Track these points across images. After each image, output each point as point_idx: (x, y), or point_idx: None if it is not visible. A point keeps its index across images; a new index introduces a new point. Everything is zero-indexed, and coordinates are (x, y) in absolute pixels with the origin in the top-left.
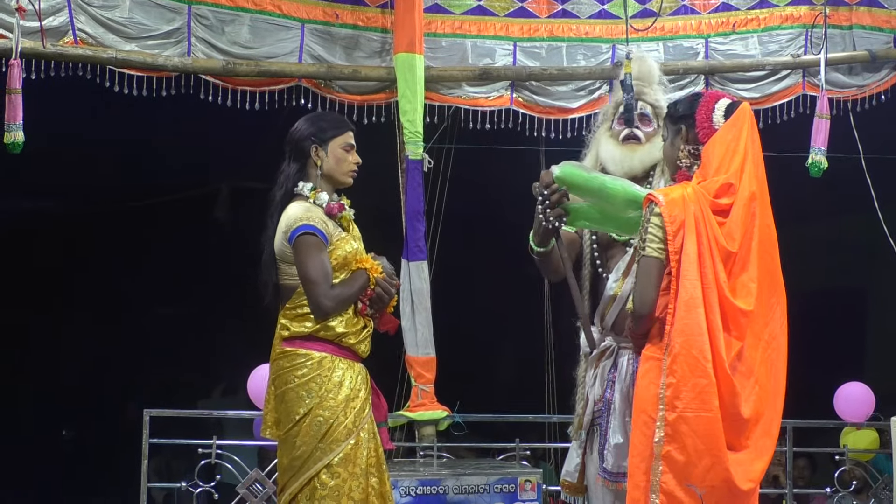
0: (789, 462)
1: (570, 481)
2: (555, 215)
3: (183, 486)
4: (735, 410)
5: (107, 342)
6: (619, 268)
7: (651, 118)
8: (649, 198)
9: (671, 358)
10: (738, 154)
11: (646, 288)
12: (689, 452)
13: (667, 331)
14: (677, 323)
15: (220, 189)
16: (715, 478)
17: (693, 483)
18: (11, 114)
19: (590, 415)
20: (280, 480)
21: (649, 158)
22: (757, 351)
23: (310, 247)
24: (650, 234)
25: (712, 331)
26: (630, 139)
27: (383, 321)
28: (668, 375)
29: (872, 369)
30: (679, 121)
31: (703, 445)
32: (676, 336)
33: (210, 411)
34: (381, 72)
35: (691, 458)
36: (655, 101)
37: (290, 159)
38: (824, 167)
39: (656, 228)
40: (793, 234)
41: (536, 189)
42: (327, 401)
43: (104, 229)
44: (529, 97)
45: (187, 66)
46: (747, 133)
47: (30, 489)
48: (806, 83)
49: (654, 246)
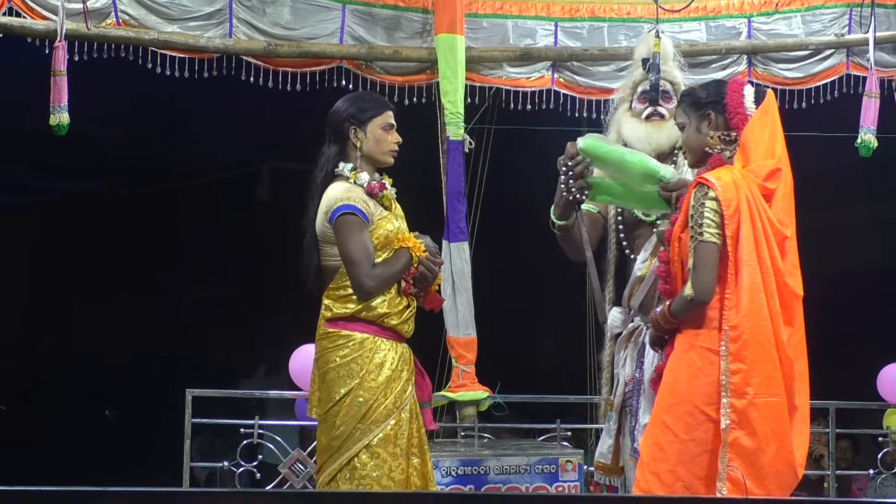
0: (832, 443)
1: (603, 462)
2: (577, 187)
3: (225, 465)
4: (792, 394)
5: (149, 323)
6: (647, 248)
7: (672, 95)
8: (701, 181)
9: (738, 344)
10: (779, 139)
11: (707, 274)
12: (759, 438)
13: (725, 317)
14: (742, 308)
15: (262, 170)
16: (781, 462)
17: (759, 468)
18: (56, 96)
19: (621, 396)
20: (319, 460)
21: (675, 134)
22: (795, 337)
23: (350, 227)
24: (707, 218)
25: (773, 315)
26: (654, 116)
27: (428, 299)
28: (733, 362)
29: None
30: (706, 107)
31: (772, 431)
32: (744, 321)
33: (252, 391)
34: (422, 52)
35: (760, 445)
36: (674, 77)
37: (330, 141)
38: (874, 146)
39: (713, 213)
40: (836, 215)
41: (561, 161)
42: (368, 381)
43: (146, 211)
44: (570, 77)
45: (229, 48)
46: (777, 118)
47: (72, 468)
48: (850, 62)
49: (712, 231)
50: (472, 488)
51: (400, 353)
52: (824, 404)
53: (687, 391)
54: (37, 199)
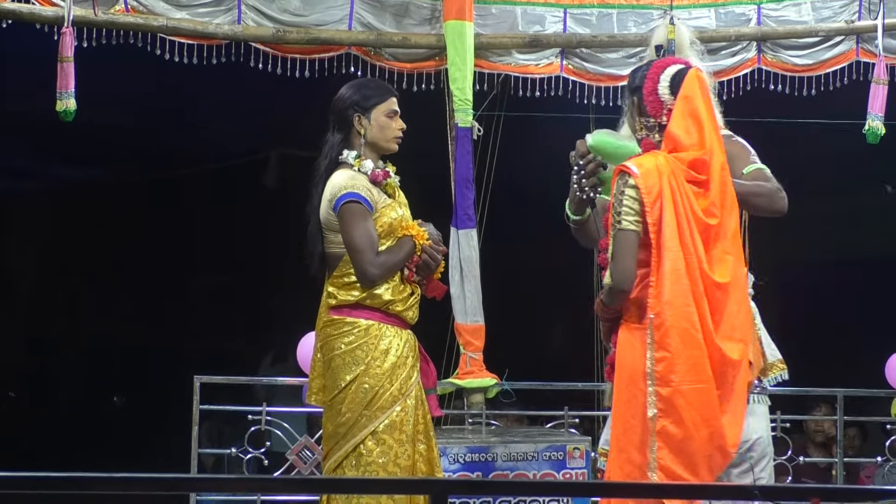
0: (840, 431)
1: (606, 450)
2: (590, 185)
3: (233, 452)
4: (724, 379)
5: (157, 309)
6: None
7: None
8: (621, 168)
9: (661, 332)
10: (706, 127)
11: (624, 262)
12: (687, 426)
13: (649, 304)
14: (664, 295)
15: (270, 157)
16: (712, 447)
17: (690, 455)
18: (63, 82)
19: None
20: (325, 447)
21: None
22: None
23: (354, 215)
24: (625, 206)
25: (698, 301)
26: None
27: (431, 287)
28: (657, 349)
29: None
30: (631, 92)
31: (701, 417)
32: (666, 308)
33: (259, 378)
34: (431, 39)
35: (689, 432)
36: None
37: (334, 129)
38: (882, 133)
39: (632, 200)
40: (845, 201)
41: (573, 158)
42: (373, 368)
43: (154, 197)
44: (579, 64)
45: (237, 34)
46: (701, 102)
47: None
48: (860, 49)
49: (631, 219)
50: (479, 475)
51: (405, 339)
52: (832, 392)
53: (628, 377)
54: (44, 185)
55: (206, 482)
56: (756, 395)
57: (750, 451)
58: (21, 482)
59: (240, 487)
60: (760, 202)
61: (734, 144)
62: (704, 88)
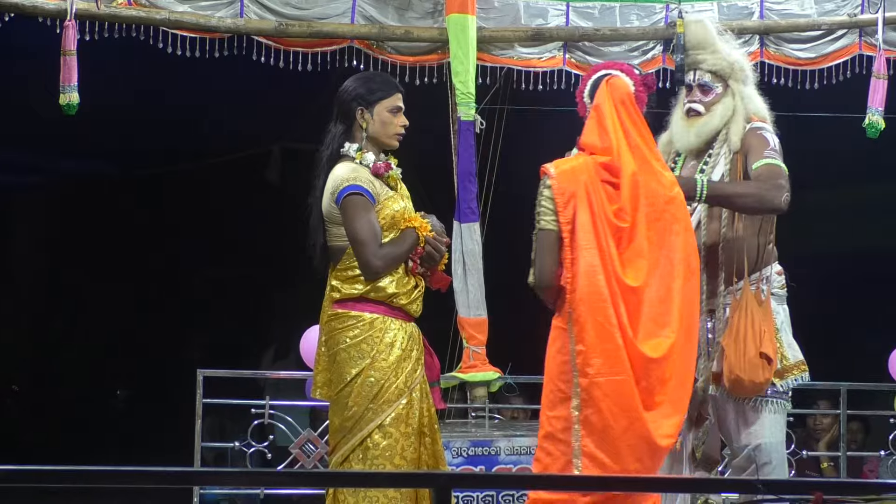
0: (843, 425)
1: None
2: None
3: (236, 446)
4: (646, 372)
5: (160, 303)
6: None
7: (711, 85)
8: (542, 170)
9: (578, 326)
10: (609, 134)
11: (542, 260)
12: (605, 416)
13: (567, 300)
14: (578, 291)
15: (272, 151)
16: (634, 437)
17: (612, 443)
18: (66, 75)
19: None
20: (331, 441)
21: (706, 130)
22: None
23: (357, 207)
24: (542, 206)
25: (613, 297)
26: (691, 113)
27: (435, 279)
28: (577, 343)
29: None
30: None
31: (619, 408)
32: (579, 304)
33: (263, 372)
34: (434, 32)
35: (608, 421)
36: (714, 65)
37: (337, 120)
38: (881, 128)
39: (548, 200)
40: (849, 194)
41: None
42: (379, 361)
43: (157, 191)
44: (582, 58)
45: (240, 27)
46: (611, 110)
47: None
48: (862, 43)
49: (547, 218)
50: (482, 469)
51: (409, 332)
52: (836, 386)
53: (549, 369)
54: (47, 179)
55: (210, 476)
56: (767, 400)
57: (755, 456)
58: (25, 475)
59: (243, 481)
60: (747, 202)
61: (755, 137)
62: (616, 96)
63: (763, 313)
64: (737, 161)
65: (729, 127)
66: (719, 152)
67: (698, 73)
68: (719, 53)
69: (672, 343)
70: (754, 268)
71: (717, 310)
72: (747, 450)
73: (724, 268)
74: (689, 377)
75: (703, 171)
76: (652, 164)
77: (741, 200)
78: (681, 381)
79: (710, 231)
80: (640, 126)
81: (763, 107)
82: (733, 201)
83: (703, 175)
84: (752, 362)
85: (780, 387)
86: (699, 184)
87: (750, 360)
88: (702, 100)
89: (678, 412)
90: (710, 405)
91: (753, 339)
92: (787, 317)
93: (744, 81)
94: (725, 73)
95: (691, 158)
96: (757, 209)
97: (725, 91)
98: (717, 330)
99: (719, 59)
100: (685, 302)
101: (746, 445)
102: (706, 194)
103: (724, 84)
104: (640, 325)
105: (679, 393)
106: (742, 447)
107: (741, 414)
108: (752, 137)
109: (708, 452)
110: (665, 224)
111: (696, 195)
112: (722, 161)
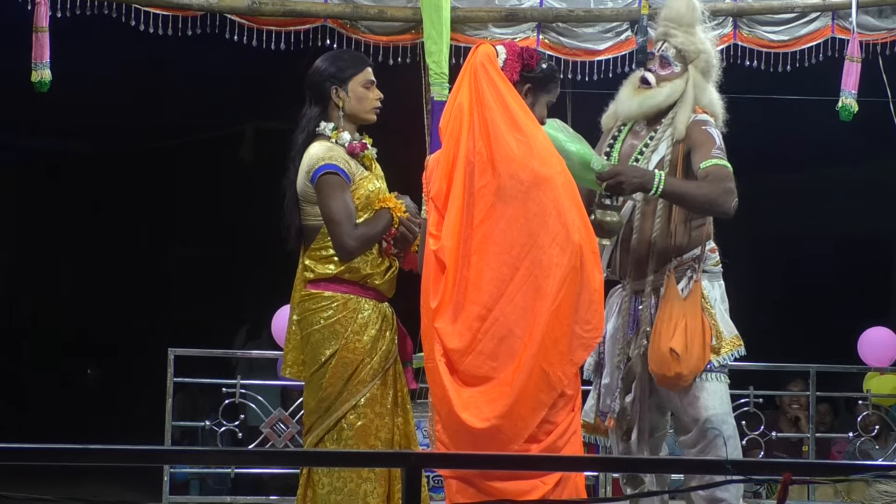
0: (812, 406)
1: (586, 421)
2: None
3: (207, 425)
4: (453, 359)
5: (132, 282)
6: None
7: (671, 61)
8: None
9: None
10: (449, 101)
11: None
12: (434, 400)
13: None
14: (422, 278)
15: (245, 130)
16: (454, 422)
17: (444, 427)
18: (38, 52)
19: (596, 355)
20: (306, 422)
21: (648, 104)
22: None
23: (333, 186)
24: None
25: (426, 283)
26: (643, 82)
27: (408, 260)
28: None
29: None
30: None
31: (435, 394)
32: (421, 291)
33: (234, 351)
34: (408, 12)
35: (437, 406)
36: (682, 44)
37: (311, 102)
38: (854, 111)
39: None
40: (821, 177)
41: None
42: (353, 342)
43: (130, 170)
44: (556, 39)
45: (213, 6)
46: (466, 75)
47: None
48: (835, 26)
49: (424, 208)
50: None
51: (383, 312)
52: (805, 367)
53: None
54: (19, 156)
55: (181, 454)
56: (707, 374)
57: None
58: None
59: (214, 460)
60: (698, 203)
61: (701, 133)
62: (476, 59)
63: (685, 306)
64: (678, 150)
65: (676, 112)
66: (662, 137)
67: (664, 46)
68: (693, 36)
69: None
70: (687, 248)
71: (646, 291)
72: (697, 424)
73: (655, 249)
74: (517, 358)
75: (642, 152)
76: (514, 135)
77: (693, 201)
78: (500, 366)
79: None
80: (506, 91)
81: (717, 103)
82: (685, 200)
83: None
84: (662, 357)
85: (715, 363)
86: (657, 178)
87: (661, 355)
88: (657, 72)
89: (505, 395)
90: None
91: (666, 333)
92: (723, 293)
93: (704, 72)
94: (690, 55)
95: (633, 136)
96: (706, 211)
97: (682, 73)
98: (645, 310)
99: (690, 40)
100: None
101: (696, 419)
102: (662, 189)
103: (683, 66)
104: (449, 307)
105: (505, 375)
106: (691, 421)
107: (683, 392)
108: (697, 132)
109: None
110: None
111: (653, 188)
112: (663, 146)
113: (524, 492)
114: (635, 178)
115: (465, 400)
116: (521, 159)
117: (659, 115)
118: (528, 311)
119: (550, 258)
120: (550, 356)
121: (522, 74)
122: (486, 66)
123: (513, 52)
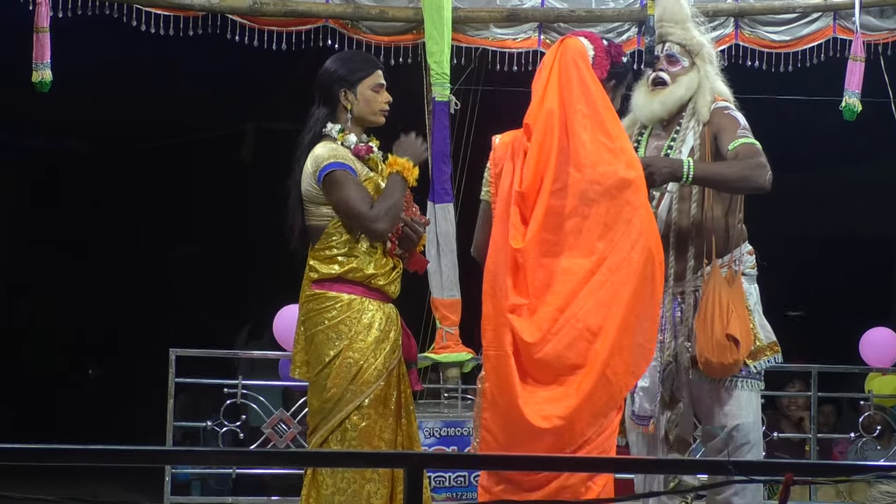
0: (814, 407)
1: None
2: None
3: (208, 425)
4: (528, 349)
5: (134, 282)
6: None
7: (679, 58)
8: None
9: (483, 299)
10: (544, 94)
11: (477, 230)
12: (493, 389)
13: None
14: (487, 263)
15: (246, 130)
16: (515, 413)
17: (501, 417)
18: (39, 52)
19: None
20: (311, 422)
21: (671, 99)
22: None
23: (340, 180)
24: (485, 178)
25: (511, 271)
26: (657, 83)
27: (413, 261)
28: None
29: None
30: None
31: (496, 383)
32: (485, 275)
33: (235, 351)
34: (409, 12)
35: (494, 396)
36: (683, 39)
37: (319, 103)
38: (858, 110)
39: (487, 171)
40: (822, 178)
41: None
42: (357, 343)
43: (130, 169)
44: (557, 39)
45: (214, 6)
46: (549, 71)
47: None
48: (837, 26)
49: (485, 189)
50: (455, 449)
51: (387, 313)
52: (807, 368)
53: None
54: (19, 156)
55: (182, 455)
56: (741, 381)
57: (732, 436)
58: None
59: (215, 460)
60: (733, 182)
61: (724, 117)
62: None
63: (732, 294)
64: (706, 134)
65: (696, 100)
66: (688, 126)
67: (667, 45)
68: (689, 32)
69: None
70: (725, 249)
71: (686, 292)
72: (726, 430)
73: (693, 250)
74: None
75: (671, 146)
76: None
77: (726, 181)
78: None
79: (680, 213)
80: (595, 91)
81: (727, 91)
82: (719, 182)
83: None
84: (719, 343)
85: (752, 368)
86: (686, 165)
87: (717, 342)
88: (669, 70)
89: (570, 396)
90: (684, 387)
91: (720, 319)
92: (759, 297)
93: (711, 62)
94: (694, 49)
95: (655, 139)
96: (742, 189)
97: (692, 66)
98: (685, 312)
99: (689, 35)
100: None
101: (724, 426)
102: (693, 174)
103: (690, 59)
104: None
105: (573, 377)
106: (719, 428)
107: (716, 395)
108: (720, 117)
109: (681, 435)
110: (616, 207)
111: (683, 176)
112: (691, 135)
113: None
114: (665, 168)
115: (530, 395)
116: (606, 163)
117: (679, 112)
118: (602, 316)
119: (630, 264)
120: (616, 365)
121: (610, 71)
122: (579, 64)
123: (601, 49)
